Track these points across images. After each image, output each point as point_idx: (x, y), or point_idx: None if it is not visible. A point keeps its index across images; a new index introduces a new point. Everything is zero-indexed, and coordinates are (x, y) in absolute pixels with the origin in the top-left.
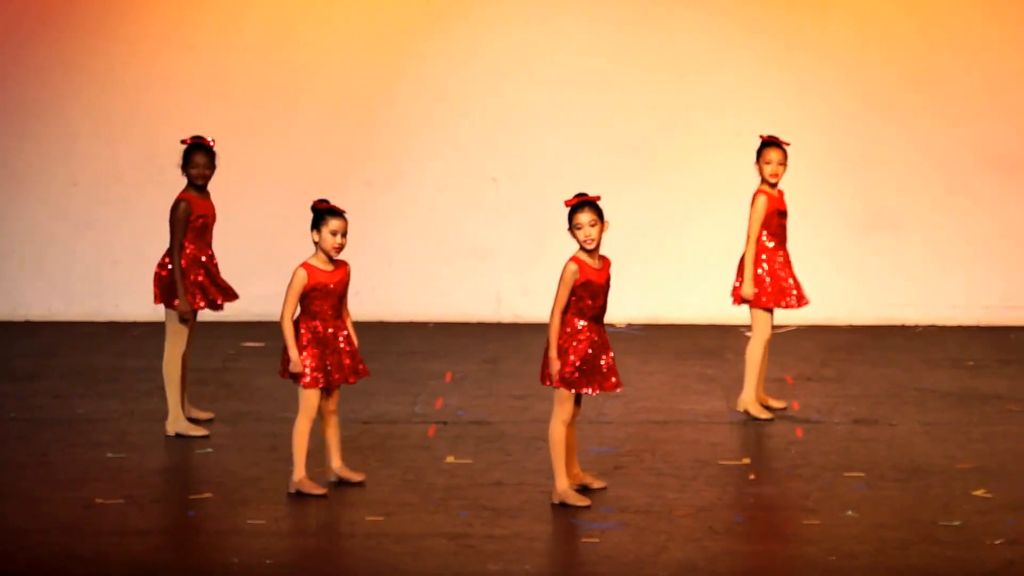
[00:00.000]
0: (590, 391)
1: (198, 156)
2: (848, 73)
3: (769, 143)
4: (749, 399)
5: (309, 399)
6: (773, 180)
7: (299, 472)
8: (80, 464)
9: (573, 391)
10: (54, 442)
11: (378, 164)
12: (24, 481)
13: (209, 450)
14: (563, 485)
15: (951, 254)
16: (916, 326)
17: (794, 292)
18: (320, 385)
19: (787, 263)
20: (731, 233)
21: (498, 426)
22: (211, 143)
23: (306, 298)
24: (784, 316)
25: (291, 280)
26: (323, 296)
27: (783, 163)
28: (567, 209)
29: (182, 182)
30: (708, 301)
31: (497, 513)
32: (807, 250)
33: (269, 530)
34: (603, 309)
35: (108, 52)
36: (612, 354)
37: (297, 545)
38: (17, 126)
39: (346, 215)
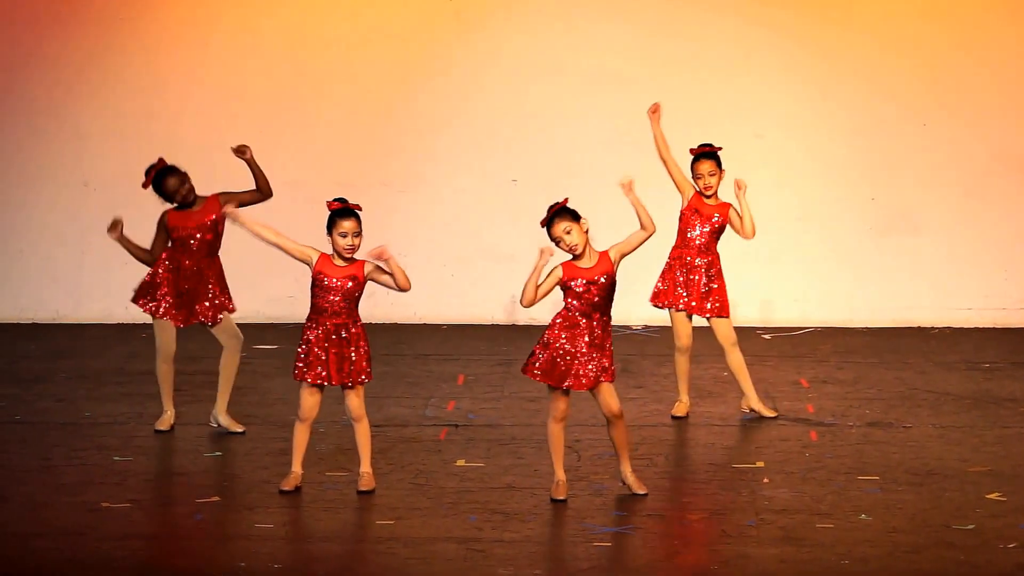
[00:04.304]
0: (552, 383)
1: (168, 181)
2: (867, 75)
3: (698, 155)
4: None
5: (300, 396)
6: (707, 192)
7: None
8: (86, 468)
9: (546, 384)
10: (59, 445)
11: (396, 165)
12: (28, 485)
13: (218, 453)
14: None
15: (967, 256)
16: (932, 328)
17: (683, 299)
18: (303, 379)
19: (691, 269)
20: None
21: (510, 429)
22: (160, 162)
23: (311, 291)
24: (800, 318)
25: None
26: (324, 290)
27: (714, 173)
28: (586, 195)
29: (201, 182)
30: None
31: (508, 517)
32: (824, 253)
33: (277, 534)
34: (594, 306)
35: (121, 50)
36: (594, 353)
37: (305, 549)
38: (28, 125)
39: (359, 212)
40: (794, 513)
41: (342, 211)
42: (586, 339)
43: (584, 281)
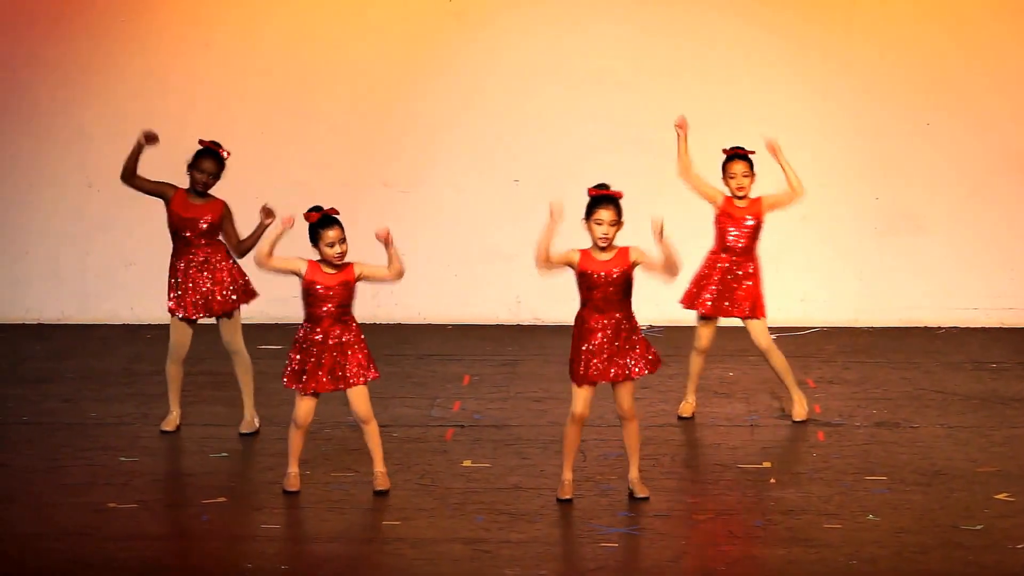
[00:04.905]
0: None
1: (205, 162)
2: (869, 75)
3: (733, 156)
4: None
5: (296, 402)
6: (740, 193)
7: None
8: (92, 468)
9: (577, 385)
10: (65, 446)
11: (398, 165)
12: (34, 486)
13: (224, 454)
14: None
15: (973, 255)
16: (938, 328)
17: (709, 302)
18: (293, 387)
19: (727, 272)
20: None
21: (516, 430)
22: (225, 154)
23: (304, 299)
24: (804, 319)
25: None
26: (318, 299)
27: (747, 175)
28: (587, 197)
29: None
30: None
31: (514, 518)
32: (829, 253)
33: (284, 535)
34: (608, 301)
35: (124, 51)
36: (619, 350)
37: (312, 550)
38: (32, 126)
39: (339, 216)
40: (801, 513)
41: (323, 221)
42: (609, 335)
43: (602, 273)
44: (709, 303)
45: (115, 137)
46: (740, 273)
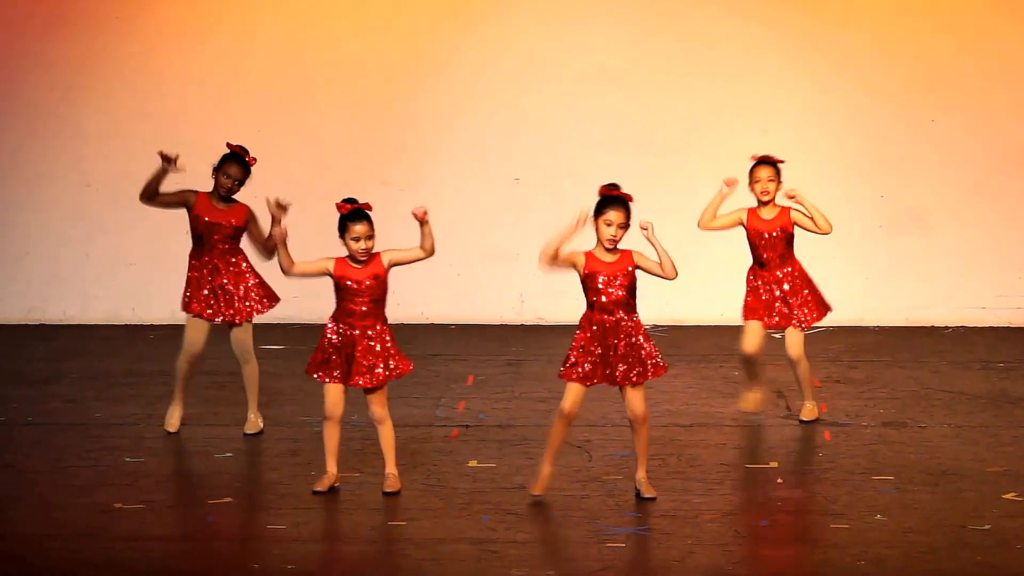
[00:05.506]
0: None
1: (232, 167)
2: (873, 73)
3: (759, 161)
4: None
5: (324, 393)
6: (764, 198)
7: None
8: (97, 469)
9: (568, 381)
10: (70, 447)
11: (398, 164)
12: (39, 486)
13: (229, 454)
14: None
15: (980, 254)
16: (945, 327)
17: (774, 315)
18: (324, 381)
19: (769, 282)
20: None
21: (521, 429)
22: (251, 160)
23: (336, 294)
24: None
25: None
26: (349, 294)
27: (772, 179)
28: (584, 196)
29: (199, 181)
30: (732, 302)
31: (521, 518)
32: (834, 252)
33: (289, 535)
34: (615, 303)
35: (120, 50)
36: (627, 353)
37: (318, 550)
38: (29, 127)
39: (370, 213)
40: (808, 513)
41: (353, 215)
42: (618, 337)
43: (607, 277)
44: (774, 317)
45: (112, 136)
46: (789, 286)
